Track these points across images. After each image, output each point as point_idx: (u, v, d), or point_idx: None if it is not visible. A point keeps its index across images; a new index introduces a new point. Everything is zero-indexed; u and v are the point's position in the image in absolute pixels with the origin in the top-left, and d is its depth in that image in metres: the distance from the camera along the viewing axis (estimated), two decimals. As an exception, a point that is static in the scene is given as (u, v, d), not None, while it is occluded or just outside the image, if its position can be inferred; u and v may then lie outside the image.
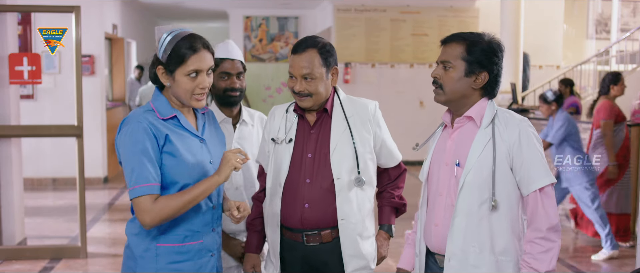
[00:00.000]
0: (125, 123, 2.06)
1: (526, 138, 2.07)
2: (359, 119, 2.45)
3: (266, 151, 2.50)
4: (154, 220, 1.99)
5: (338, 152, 2.39)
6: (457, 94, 2.13)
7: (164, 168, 2.03)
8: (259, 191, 2.59)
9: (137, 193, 1.98)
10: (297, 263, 2.44)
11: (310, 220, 2.38)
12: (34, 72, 5.01)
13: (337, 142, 2.40)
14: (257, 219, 2.55)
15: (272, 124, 2.50)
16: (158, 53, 2.07)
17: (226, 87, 2.66)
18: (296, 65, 2.35)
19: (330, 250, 2.40)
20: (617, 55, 10.05)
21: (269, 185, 2.47)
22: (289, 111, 2.50)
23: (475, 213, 2.08)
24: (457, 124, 2.17)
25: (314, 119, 2.45)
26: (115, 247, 5.61)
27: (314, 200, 2.38)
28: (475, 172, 2.07)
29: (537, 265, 2.05)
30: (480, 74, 2.10)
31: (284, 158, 2.42)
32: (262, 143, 2.55)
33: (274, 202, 2.43)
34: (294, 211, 2.39)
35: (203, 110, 2.23)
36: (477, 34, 2.14)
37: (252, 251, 2.56)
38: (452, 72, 2.11)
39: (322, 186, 2.38)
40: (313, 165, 2.40)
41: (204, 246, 2.15)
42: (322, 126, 2.44)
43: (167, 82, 2.08)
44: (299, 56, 2.35)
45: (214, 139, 2.21)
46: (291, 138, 2.43)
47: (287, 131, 2.44)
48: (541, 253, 2.05)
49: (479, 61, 2.09)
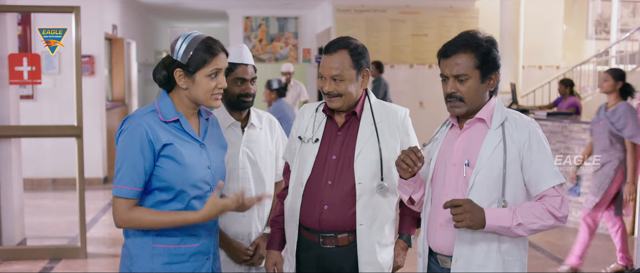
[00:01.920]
0: (127, 120, 2.09)
1: (536, 138, 2.09)
2: (387, 125, 2.42)
3: (293, 149, 2.50)
4: (124, 226, 2.08)
5: (363, 156, 2.36)
6: (478, 103, 2.13)
7: (162, 170, 2.06)
8: (283, 188, 2.58)
9: (116, 192, 2.06)
10: (312, 264, 2.42)
11: (328, 222, 2.36)
12: (34, 72, 5.01)
13: (363, 146, 2.37)
14: (280, 216, 2.54)
15: (301, 122, 2.50)
16: (175, 56, 2.09)
17: (240, 93, 2.66)
18: (326, 66, 2.34)
19: (346, 254, 2.37)
20: (617, 55, 10.06)
21: (292, 183, 2.47)
22: (318, 110, 2.49)
23: None
24: (466, 125, 2.17)
25: (343, 121, 2.43)
26: (115, 247, 5.61)
27: (333, 202, 2.35)
28: (485, 172, 2.08)
29: (521, 217, 2.03)
30: (493, 76, 2.13)
31: (308, 158, 2.41)
32: (290, 140, 2.56)
33: (295, 200, 2.43)
34: (312, 212, 2.37)
35: (207, 116, 2.24)
36: (473, 36, 2.12)
37: (275, 248, 2.55)
38: (470, 82, 2.10)
39: (343, 190, 2.35)
40: (336, 167, 2.38)
41: (200, 249, 2.15)
42: (349, 128, 2.42)
43: (185, 85, 2.10)
44: (329, 56, 2.34)
45: (215, 145, 2.22)
46: (317, 138, 2.42)
47: (314, 130, 2.44)
48: (532, 215, 2.04)
49: (491, 64, 2.11)
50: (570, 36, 11.47)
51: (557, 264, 5.22)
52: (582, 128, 6.29)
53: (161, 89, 2.17)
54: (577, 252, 4.93)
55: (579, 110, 8.11)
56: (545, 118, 6.80)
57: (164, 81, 2.13)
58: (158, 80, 2.15)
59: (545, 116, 6.87)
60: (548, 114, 6.94)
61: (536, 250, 5.56)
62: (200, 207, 2.11)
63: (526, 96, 10.07)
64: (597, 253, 5.52)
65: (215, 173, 2.17)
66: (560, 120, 6.56)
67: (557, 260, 5.35)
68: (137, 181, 2.04)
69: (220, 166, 2.21)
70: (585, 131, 6.24)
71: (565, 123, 6.48)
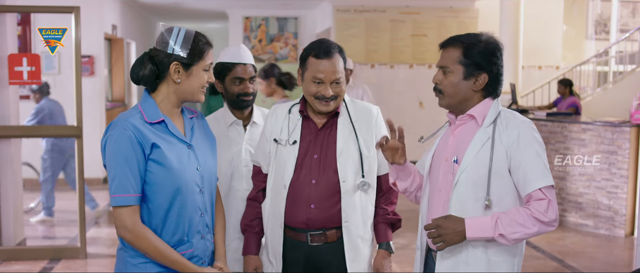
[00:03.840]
0: (111, 126, 2.04)
1: (525, 139, 2.06)
2: (364, 123, 2.45)
3: (267, 151, 2.48)
4: (128, 236, 2.01)
5: (344, 154, 2.40)
6: (458, 98, 2.13)
7: (151, 175, 2.02)
8: (255, 191, 2.56)
9: (117, 202, 1.99)
10: (299, 263, 2.43)
11: (316, 221, 2.38)
12: (34, 72, 5.01)
13: (343, 144, 2.40)
14: (255, 220, 2.53)
15: (274, 125, 2.48)
16: (169, 49, 2.04)
17: (239, 92, 2.68)
18: (328, 70, 2.34)
19: (333, 250, 2.41)
20: (617, 56, 10.05)
21: (270, 185, 2.46)
22: (292, 111, 2.49)
23: (468, 211, 2.08)
24: (459, 122, 2.17)
25: (323, 121, 2.44)
26: (115, 248, 5.56)
27: (320, 201, 2.38)
28: (471, 170, 2.07)
29: (502, 227, 2.01)
30: (479, 76, 2.11)
31: (288, 159, 2.41)
32: (262, 142, 2.53)
33: (277, 203, 2.42)
34: (299, 212, 2.39)
35: (191, 115, 2.20)
36: (474, 35, 2.14)
37: (254, 252, 2.55)
38: (451, 76, 2.12)
39: (328, 188, 2.38)
40: (319, 166, 2.39)
41: (194, 254, 2.12)
42: (329, 127, 2.44)
43: (179, 79, 2.06)
44: (329, 61, 2.35)
45: (202, 145, 2.17)
46: (295, 140, 2.42)
47: (290, 132, 2.43)
48: (516, 223, 2.01)
49: (477, 63, 2.09)
50: (570, 36, 11.48)
51: (557, 264, 5.22)
52: (582, 128, 6.29)
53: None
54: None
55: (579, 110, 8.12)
56: (544, 118, 6.80)
57: (151, 77, 2.06)
58: (143, 76, 2.06)
59: (545, 116, 6.87)
60: (548, 114, 6.94)
61: (536, 250, 5.57)
62: (193, 210, 2.09)
63: (526, 96, 10.07)
64: (598, 253, 5.53)
65: (204, 174, 2.14)
66: (560, 120, 6.56)
67: (557, 260, 5.35)
68: (136, 186, 1.99)
69: (210, 166, 2.18)
70: (585, 131, 6.25)
71: (565, 123, 6.48)
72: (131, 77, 2.11)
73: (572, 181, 6.34)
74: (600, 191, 6.12)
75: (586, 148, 6.22)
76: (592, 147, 6.18)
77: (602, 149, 6.10)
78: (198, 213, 2.12)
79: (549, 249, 5.64)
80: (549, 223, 2.01)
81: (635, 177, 5.85)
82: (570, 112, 7.49)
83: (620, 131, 5.95)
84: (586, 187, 6.23)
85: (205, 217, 2.16)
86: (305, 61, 2.40)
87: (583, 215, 6.27)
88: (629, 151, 5.89)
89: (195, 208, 2.11)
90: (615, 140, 5.99)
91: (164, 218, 2.05)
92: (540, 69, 10.82)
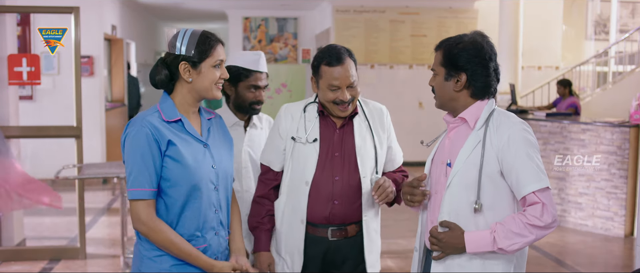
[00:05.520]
0: (130, 124, 2.12)
1: (515, 142, 2.04)
2: (377, 121, 2.56)
3: (281, 150, 2.53)
4: (143, 229, 2.08)
5: (362, 152, 2.49)
6: (445, 99, 2.17)
7: (167, 170, 2.08)
8: (266, 189, 2.58)
9: (133, 195, 2.07)
10: (318, 258, 2.51)
11: (338, 216, 2.47)
12: (33, 73, 5.01)
13: (362, 142, 2.50)
14: (266, 217, 2.57)
15: (289, 124, 2.53)
16: (178, 51, 2.11)
17: (253, 100, 2.73)
18: (343, 76, 2.42)
19: (351, 244, 2.51)
20: (616, 56, 10.06)
21: (286, 182, 2.52)
22: (307, 110, 2.55)
23: (461, 214, 2.08)
24: (452, 125, 2.19)
25: (342, 121, 2.53)
26: (114, 248, 5.60)
27: (343, 197, 2.46)
28: (463, 173, 2.08)
29: (500, 241, 2.02)
30: (459, 76, 2.12)
31: (309, 157, 2.48)
32: (274, 141, 2.56)
33: (298, 199, 2.48)
34: (321, 208, 2.47)
35: (209, 116, 2.27)
36: (458, 36, 2.16)
37: (266, 249, 2.57)
38: (437, 78, 2.18)
39: (350, 184, 2.47)
40: (341, 163, 2.48)
41: (208, 249, 2.17)
42: (347, 126, 2.53)
43: (190, 78, 2.12)
44: (342, 67, 2.42)
45: (219, 144, 2.24)
46: (316, 138, 2.49)
47: (308, 130, 2.50)
48: (513, 234, 2.01)
49: (454, 63, 2.11)
50: (570, 37, 11.49)
51: (557, 264, 5.22)
52: (581, 129, 6.30)
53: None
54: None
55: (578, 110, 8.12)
56: (544, 118, 6.80)
57: (166, 81, 2.15)
58: (159, 81, 2.15)
59: (545, 116, 6.87)
60: (547, 114, 6.94)
61: (536, 251, 5.57)
62: (208, 206, 2.14)
63: (525, 97, 10.07)
64: (597, 254, 5.53)
65: (220, 172, 2.19)
66: (560, 120, 6.56)
67: (556, 260, 5.35)
68: (152, 181, 2.06)
69: (225, 165, 2.23)
70: (584, 132, 6.25)
71: (565, 123, 6.48)
72: (150, 83, 2.20)
73: (571, 182, 6.34)
74: (600, 191, 6.12)
75: (586, 148, 6.22)
76: (591, 147, 6.18)
77: (602, 149, 6.10)
78: (212, 209, 2.18)
79: (549, 249, 5.64)
80: (546, 226, 2.00)
81: (634, 177, 5.85)
82: (570, 112, 7.50)
83: (619, 132, 5.96)
84: (586, 187, 6.23)
85: (220, 214, 2.21)
86: (318, 70, 2.46)
87: (583, 215, 6.27)
88: (629, 151, 5.89)
89: (210, 205, 2.16)
90: (615, 140, 6.00)
91: (180, 213, 2.11)
92: (539, 69, 10.83)
